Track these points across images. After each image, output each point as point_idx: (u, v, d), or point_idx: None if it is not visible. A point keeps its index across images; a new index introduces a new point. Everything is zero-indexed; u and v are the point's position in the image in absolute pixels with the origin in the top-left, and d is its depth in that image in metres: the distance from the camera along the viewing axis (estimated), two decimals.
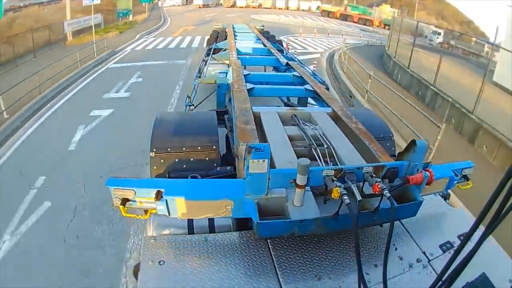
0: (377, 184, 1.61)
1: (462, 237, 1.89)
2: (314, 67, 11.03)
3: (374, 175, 1.72)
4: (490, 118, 7.88)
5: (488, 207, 0.90)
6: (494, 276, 1.39)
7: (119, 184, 1.65)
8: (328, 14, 40.67)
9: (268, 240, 1.79)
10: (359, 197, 1.57)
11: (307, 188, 1.72)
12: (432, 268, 1.74)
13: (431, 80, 10.46)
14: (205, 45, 10.15)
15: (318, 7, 44.16)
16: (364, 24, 36.30)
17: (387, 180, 1.81)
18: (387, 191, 1.58)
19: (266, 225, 1.60)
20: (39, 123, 8.17)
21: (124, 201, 1.66)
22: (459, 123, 8.71)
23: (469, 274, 1.03)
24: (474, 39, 22.80)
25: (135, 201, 1.69)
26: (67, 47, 17.43)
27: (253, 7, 45.58)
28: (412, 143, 1.81)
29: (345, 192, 1.58)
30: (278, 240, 1.79)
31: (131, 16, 27.35)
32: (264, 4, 47.13)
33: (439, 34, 24.10)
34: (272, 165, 1.80)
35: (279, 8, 45.73)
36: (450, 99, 9.30)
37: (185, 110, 4.20)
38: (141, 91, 10.17)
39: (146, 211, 1.76)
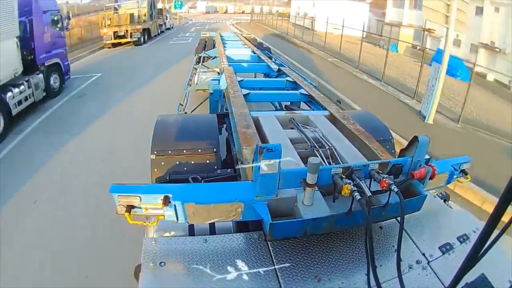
0: (384, 180, 1.64)
1: (461, 239, 1.90)
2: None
3: (380, 172, 1.77)
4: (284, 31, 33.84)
5: (498, 212, 0.90)
6: (494, 276, 1.32)
7: (124, 191, 1.61)
8: (281, 15, 64.82)
9: (268, 242, 1.76)
10: (369, 193, 1.59)
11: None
12: (432, 269, 1.72)
13: (277, 29, 36.49)
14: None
15: (277, 11, 68.17)
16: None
17: (392, 176, 1.80)
18: (394, 186, 1.61)
19: (278, 226, 1.59)
20: (189, 23, 42.08)
21: (129, 208, 1.61)
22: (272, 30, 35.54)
23: (468, 274, 1.01)
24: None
25: (140, 207, 1.63)
26: None
27: (238, 13, 69.69)
28: (414, 139, 1.86)
29: (355, 189, 1.60)
30: (278, 241, 1.75)
31: None
32: (246, 11, 70.19)
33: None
34: None
35: (256, 13, 61.70)
36: (277, 31, 35.79)
37: None
38: (203, 23, 42.75)
39: (153, 218, 1.72)
